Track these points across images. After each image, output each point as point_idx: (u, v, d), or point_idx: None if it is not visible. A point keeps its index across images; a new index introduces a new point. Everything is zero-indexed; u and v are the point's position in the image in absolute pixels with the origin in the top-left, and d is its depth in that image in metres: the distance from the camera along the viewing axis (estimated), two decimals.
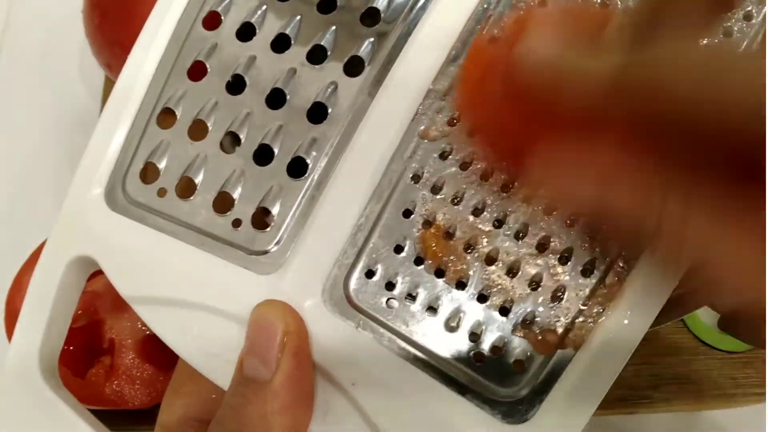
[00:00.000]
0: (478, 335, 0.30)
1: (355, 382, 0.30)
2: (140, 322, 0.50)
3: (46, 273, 0.33)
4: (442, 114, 0.31)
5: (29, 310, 0.34)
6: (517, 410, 0.29)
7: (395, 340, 0.30)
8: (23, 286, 0.49)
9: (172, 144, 0.33)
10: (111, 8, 0.57)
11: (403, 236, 0.31)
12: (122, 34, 0.55)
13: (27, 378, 0.33)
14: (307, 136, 0.32)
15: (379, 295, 0.31)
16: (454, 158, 0.31)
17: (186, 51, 0.34)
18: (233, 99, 0.33)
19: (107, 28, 0.57)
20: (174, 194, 0.33)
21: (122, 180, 0.33)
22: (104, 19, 0.57)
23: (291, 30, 0.33)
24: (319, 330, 0.31)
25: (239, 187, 0.32)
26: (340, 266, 0.31)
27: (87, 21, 0.58)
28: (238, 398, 0.30)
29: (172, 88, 0.33)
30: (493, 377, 0.30)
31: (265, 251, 0.32)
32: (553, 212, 0.30)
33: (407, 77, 0.31)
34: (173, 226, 0.33)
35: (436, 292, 0.30)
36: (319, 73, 0.32)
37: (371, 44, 0.32)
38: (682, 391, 0.56)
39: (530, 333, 0.29)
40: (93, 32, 0.58)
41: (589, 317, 0.29)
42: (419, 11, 0.32)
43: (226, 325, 0.31)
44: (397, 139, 0.31)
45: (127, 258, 0.33)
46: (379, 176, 0.31)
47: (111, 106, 0.34)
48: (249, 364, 0.30)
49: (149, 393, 0.49)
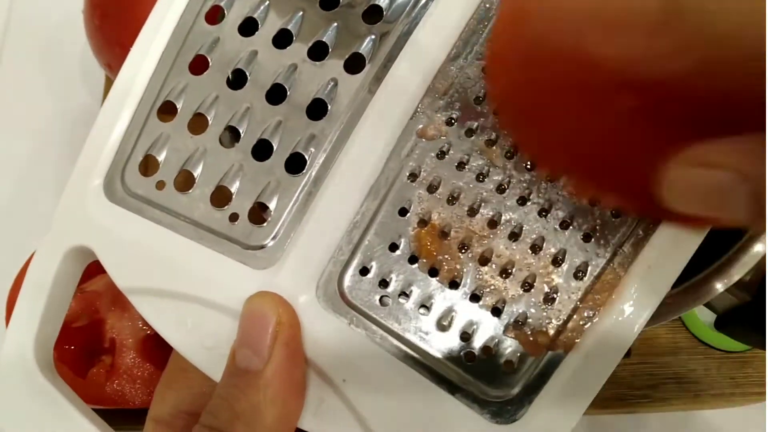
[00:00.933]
0: (469, 335, 0.30)
1: (347, 378, 0.30)
2: (141, 322, 0.50)
3: (44, 262, 0.34)
4: (440, 113, 0.31)
5: (26, 299, 0.34)
6: (507, 410, 0.30)
7: (387, 338, 0.31)
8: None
9: (172, 137, 0.33)
10: (111, 8, 0.57)
11: (399, 234, 0.31)
12: (122, 34, 0.55)
13: (22, 366, 0.33)
14: (306, 132, 0.32)
15: (372, 293, 0.31)
16: (452, 157, 0.31)
17: (188, 45, 0.34)
18: (234, 93, 0.33)
19: (107, 28, 0.57)
20: (173, 187, 0.33)
21: (121, 172, 0.34)
22: (104, 19, 0.57)
23: (293, 26, 0.33)
24: (312, 326, 0.31)
25: (237, 182, 0.32)
26: (335, 263, 0.31)
27: (87, 21, 0.58)
28: (230, 389, 0.30)
29: (174, 81, 0.34)
30: (483, 377, 0.30)
31: (261, 246, 0.32)
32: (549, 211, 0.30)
33: (407, 76, 0.31)
34: (171, 219, 0.33)
35: (429, 290, 0.31)
36: (320, 69, 0.32)
37: (372, 42, 0.32)
38: (680, 391, 0.56)
39: (521, 334, 0.30)
40: (93, 32, 0.58)
41: (580, 320, 0.29)
42: (421, 10, 0.32)
43: (221, 319, 0.32)
44: (395, 138, 0.31)
45: (124, 249, 0.33)
46: (377, 174, 0.31)
47: (112, 98, 0.34)
48: (241, 355, 0.30)
49: (150, 392, 0.49)
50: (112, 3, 0.57)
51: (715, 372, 0.56)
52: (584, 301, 0.29)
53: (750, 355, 0.57)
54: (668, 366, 0.56)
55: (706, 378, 0.56)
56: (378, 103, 0.31)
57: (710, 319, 0.56)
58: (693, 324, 0.57)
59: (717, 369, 0.57)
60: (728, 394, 0.56)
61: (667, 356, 0.57)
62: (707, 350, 0.57)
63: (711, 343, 0.57)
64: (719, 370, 0.57)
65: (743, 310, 0.42)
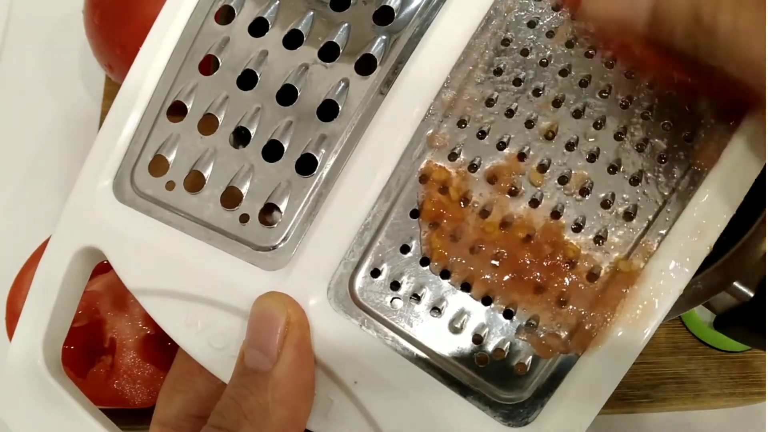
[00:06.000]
0: (482, 337, 0.30)
1: (358, 380, 0.30)
2: (141, 322, 0.50)
3: (53, 263, 0.34)
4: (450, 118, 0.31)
5: (34, 299, 0.34)
6: (519, 413, 0.30)
7: (399, 340, 0.31)
8: (24, 286, 0.49)
9: (181, 137, 0.33)
10: (111, 8, 0.56)
11: (410, 236, 0.31)
12: (122, 35, 0.55)
13: (30, 366, 0.33)
14: (316, 133, 0.32)
15: (384, 295, 0.31)
16: (462, 159, 0.31)
17: (198, 45, 0.34)
18: (244, 94, 0.33)
19: (107, 28, 0.57)
20: (182, 188, 0.33)
21: (131, 172, 0.33)
22: (104, 20, 0.57)
23: (304, 26, 0.33)
24: (323, 327, 0.31)
25: (248, 183, 0.32)
26: (346, 264, 0.31)
27: (87, 21, 0.58)
28: (239, 389, 0.30)
29: (183, 81, 0.33)
30: (495, 379, 0.30)
31: (271, 247, 0.32)
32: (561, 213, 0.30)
33: (418, 78, 0.31)
34: (181, 220, 0.33)
35: (441, 293, 0.31)
36: (331, 70, 0.32)
37: (383, 43, 0.32)
38: (680, 391, 0.56)
39: (534, 336, 0.30)
40: (93, 32, 0.58)
41: (593, 322, 0.29)
42: (432, 11, 0.32)
43: (230, 320, 0.32)
44: (406, 139, 0.31)
45: (133, 250, 0.33)
46: (388, 175, 0.31)
47: (121, 98, 0.34)
48: (250, 355, 0.30)
49: (150, 392, 0.49)
50: (112, 3, 0.57)
51: (715, 372, 0.57)
52: (597, 302, 0.29)
53: (750, 355, 0.57)
54: (668, 366, 0.57)
55: (706, 378, 0.56)
56: (390, 105, 0.31)
57: (710, 319, 0.56)
58: (693, 324, 0.57)
59: (717, 369, 0.57)
60: (728, 394, 0.56)
61: (667, 356, 0.57)
62: (707, 350, 0.57)
63: (711, 343, 0.57)
64: (719, 370, 0.57)
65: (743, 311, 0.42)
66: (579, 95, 0.31)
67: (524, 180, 0.30)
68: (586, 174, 0.30)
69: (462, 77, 0.31)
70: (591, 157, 0.30)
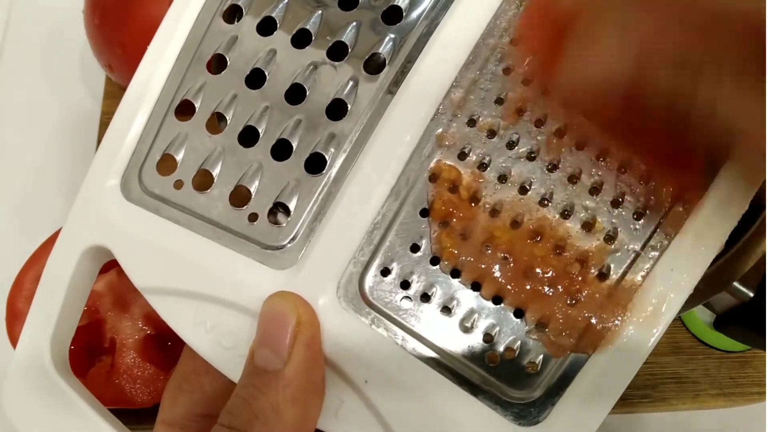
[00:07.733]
0: (492, 336, 0.30)
1: (368, 379, 0.30)
2: (141, 322, 0.50)
3: (61, 261, 0.34)
4: (459, 118, 0.31)
5: (42, 298, 0.34)
6: (529, 412, 0.30)
7: (409, 339, 0.30)
8: (24, 287, 0.49)
9: (190, 136, 0.33)
10: (111, 8, 0.56)
11: (420, 235, 0.31)
12: (122, 35, 0.55)
13: (38, 365, 0.33)
14: (325, 132, 0.32)
15: (394, 294, 0.31)
16: (472, 158, 0.31)
17: (206, 44, 0.34)
18: (252, 93, 0.33)
19: (107, 28, 0.56)
20: (191, 186, 0.33)
21: (139, 171, 0.33)
22: (104, 19, 0.56)
23: (312, 25, 0.33)
24: (333, 326, 0.31)
25: (256, 182, 0.32)
26: (355, 263, 0.31)
27: (87, 21, 0.58)
28: (249, 389, 0.30)
29: (191, 80, 0.33)
30: (506, 379, 0.30)
31: (280, 246, 0.32)
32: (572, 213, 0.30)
33: (427, 77, 0.31)
34: (189, 219, 0.33)
35: (451, 292, 0.31)
36: (340, 69, 0.32)
37: (392, 42, 0.32)
38: (680, 390, 0.56)
39: (545, 336, 0.30)
40: (93, 32, 0.58)
41: (605, 322, 0.29)
42: (441, 11, 0.32)
43: (240, 319, 0.31)
44: (416, 139, 0.31)
45: (141, 249, 0.33)
46: (397, 174, 0.31)
47: (129, 96, 0.34)
48: (261, 354, 0.30)
49: (150, 392, 0.49)
50: (112, 3, 0.57)
51: (715, 372, 0.57)
52: (608, 302, 0.29)
53: (750, 355, 0.57)
54: (668, 366, 0.57)
55: (706, 378, 0.56)
56: (399, 104, 0.31)
57: (710, 319, 0.56)
58: (693, 324, 0.57)
59: (717, 369, 0.57)
60: (728, 394, 0.56)
61: (667, 356, 0.57)
62: (707, 350, 0.57)
63: (711, 343, 0.57)
64: (719, 370, 0.57)
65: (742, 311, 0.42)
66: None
67: (535, 179, 0.30)
68: (595, 173, 0.30)
69: (471, 76, 0.31)
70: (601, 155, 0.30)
